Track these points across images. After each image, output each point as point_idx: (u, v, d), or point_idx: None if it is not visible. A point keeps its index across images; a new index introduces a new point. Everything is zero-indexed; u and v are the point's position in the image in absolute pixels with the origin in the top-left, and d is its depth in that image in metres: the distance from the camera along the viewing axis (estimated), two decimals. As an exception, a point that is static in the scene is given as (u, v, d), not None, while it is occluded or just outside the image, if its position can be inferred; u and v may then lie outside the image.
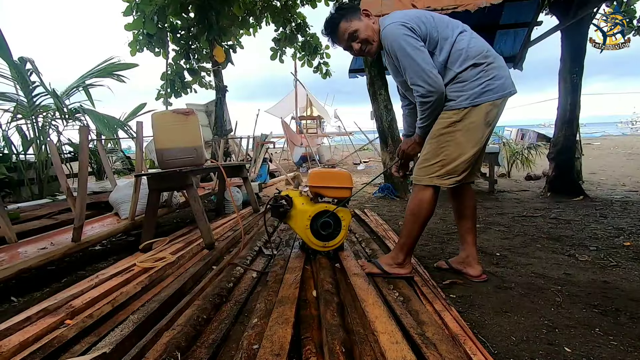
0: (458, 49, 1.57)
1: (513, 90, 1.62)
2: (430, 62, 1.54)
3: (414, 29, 1.55)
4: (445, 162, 1.61)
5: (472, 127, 1.58)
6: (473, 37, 1.61)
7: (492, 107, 1.57)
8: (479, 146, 1.62)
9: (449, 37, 1.58)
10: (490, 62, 1.56)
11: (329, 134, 15.62)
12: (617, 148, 12.78)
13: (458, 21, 1.66)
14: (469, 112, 1.57)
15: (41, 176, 4.26)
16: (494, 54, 1.61)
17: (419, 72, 1.52)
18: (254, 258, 2.01)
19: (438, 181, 1.64)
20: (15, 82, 4.34)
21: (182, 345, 1.06)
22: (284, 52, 7.34)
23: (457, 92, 1.57)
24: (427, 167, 1.65)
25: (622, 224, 2.89)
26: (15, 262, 1.66)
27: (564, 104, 4.27)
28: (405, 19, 1.56)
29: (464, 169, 1.63)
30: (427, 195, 1.66)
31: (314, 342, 1.09)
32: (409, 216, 1.71)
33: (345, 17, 1.68)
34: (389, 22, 1.59)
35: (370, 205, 4.11)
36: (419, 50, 1.53)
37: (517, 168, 6.74)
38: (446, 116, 1.60)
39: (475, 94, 1.55)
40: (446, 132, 1.60)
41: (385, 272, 1.70)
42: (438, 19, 1.62)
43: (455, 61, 1.56)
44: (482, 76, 1.55)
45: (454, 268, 1.89)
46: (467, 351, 1.07)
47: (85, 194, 1.91)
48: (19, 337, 1.10)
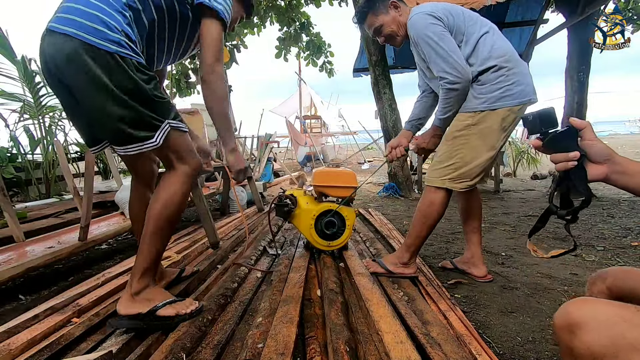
0: (482, 46, 1.54)
1: (534, 99, 1.58)
2: (457, 50, 1.52)
3: (441, 18, 1.54)
4: (459, 165, 1.59)
5: (488, 131, 1.55)
6: (499, 38, 1.59)
7: (509, 113, 1.54)
8: (494, 151, 1.59)
9: (475, 32, 1.56)
10: (512, 67, 1.53)
11: (333, 134, 15.61)
12: (625, 147, 12.64)
13: (487, 20, 1.65)
14: (485, 116, 1.54)
15: (48, 176, 4.30)
16: (518, 58, 1.58)
17: (447, 58, 1.49)
18: (258, 257, 2.02)
19: (450, 184, 1.61)
20: (23, 83, 4.38)
21: (187, 347, 1.07)
22: (288, 51, 7.34)
23: (475, 93, 1.55)
24: (441, 169, 1.63)
25: (630, 223, 2.86)
26: (23, 261, 1.68)
27: (571, 103, 4.24)
28: (433, 10, 1.56)
29: (477, 174, 1.60)
30: (439, 197, 1.64)
31: (318, 341, 1.09)
32: (418, 217, 1.69)
33: (373, 10, 1.70)
34: (417, 11, 1.60)
35: (375, 204, 4.11)
36: (447, 39, 1.51)
37: (523, 167, 6.70)
38: (462, 118, 1.58)
39: (494, 98, 1.52)
40: (461, 135, 1.58)
41: (390, 271, 1.69)
42: (467, 14, 1.62)
43: (478, 58, 1.54)
44: (502, 80, 1.52)
45: (458, 268, 1.88)
46: (472, 351, 1.06)
47: (92, 194, 1.93)
48: (27, 335, 1.11)
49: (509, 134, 1.63)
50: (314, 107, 15.31)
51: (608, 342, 0.50)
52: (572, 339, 0.54)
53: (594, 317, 0.53)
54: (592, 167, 0.66)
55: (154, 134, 1.13)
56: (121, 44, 1.06)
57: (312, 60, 7.50)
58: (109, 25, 1.05)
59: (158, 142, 1.13)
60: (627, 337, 0.50)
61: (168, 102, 1.19)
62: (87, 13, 1.05)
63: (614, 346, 0.50)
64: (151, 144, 1.13)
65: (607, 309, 0.54)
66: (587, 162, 0.67)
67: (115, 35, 1.06)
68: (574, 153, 0.66)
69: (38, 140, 4.49)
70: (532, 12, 4.88)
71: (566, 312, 0.57)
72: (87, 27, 1.04)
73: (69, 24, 1.04)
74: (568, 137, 0.68)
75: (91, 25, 1.04)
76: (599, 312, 0.54)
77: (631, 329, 0.50)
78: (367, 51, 4.71)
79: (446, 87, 1.52)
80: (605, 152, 0.66)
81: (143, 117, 1.11)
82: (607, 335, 0.51)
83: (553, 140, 0.69)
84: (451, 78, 1.50)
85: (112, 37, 1.05)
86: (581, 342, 0.53)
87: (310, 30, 7.20)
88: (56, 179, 4.43)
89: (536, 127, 0.71)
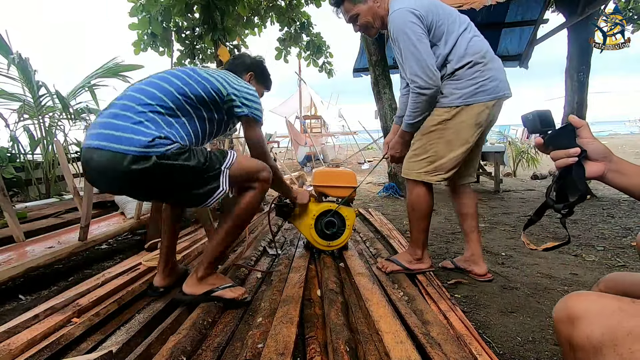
0: (460, 44, 1.55)
1: (508, 93, 1.61)
2: (432, 55, 1.53)
3: (422, 17, 1.53)
4: (434, 158, 1.63)
5: (462, 126, 1.58)
6: (475, 35, 1.60)
7: (484, 108, 1.56)
8: (467, 145, 1.61)
9: (454, 31, 1.57)
10: (486, 62, 1.55)
11: (333, 134, 15.61)
12: (625, 147, 12.63)
13: (465, 17, 1.65)
14: (460, 111, 1.57)
15: (48, 176, 4.30)
16: (492, 55, 1.60)
17: (421, 62, 1.49)
18: (258, 258, 2.02)
19: (425, 177, 1.65)
20: (22, 83, 4.38)
21: (188, 350, 1.07)
22: (288, 52, 7.33)
23: (451, 89, 1.57)
24: (416, 162, 1.67)
25: (630, 223, 2.85)
26: (23, 261, 1.68)
27: (571, 102, 4.23)
28: (414, 6, 1.54)
29: (451, 167, 1.64)
30: (422, 189, 1.69)
31: (318, 341, 1.09)
32: (411, 212, 1.74)
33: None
34: (398, 6, 1.56)
35: (375, 204, 4.11)
36: (423, 42, 1.51)
37: (523, 167, 6.70)
38: (438, 113, 1.61)
39: (469, 94, 1.55)
40: (436, 129, 1.61)
41: (407, 268, 1.71)
42: (448, 11, 1.61)
43: (455, 55, 1.55)
44: (477, 76, 1.55)
45: (459, 267, 1.88)
46: (472, 351, 1.06)
47: (92, 194, 1.93)
48: (27, 335, 1.11)
49: (485, 129, 1.66)
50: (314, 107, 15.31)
51: (606, 332, 0.52)
52: (572, 331, 0.56)
53: (592, 308, 0.55)
54: (589, 165, 0.69)
55: (219, 184, 1.29)
56: (158, 145, 1.17)
57: (313, 60, 7.49)
58: (144, 133, 1.16)
59: (226, 188, 1.31)
60: (625, 326, 0.51)
61: (212, 154, 1.31)
62: (122, 127, 1.17)
63: (612, 335, 0.51)
64: (222, 192, 1.30)
65: (605, 300, 0.56)
66: (585, 160, 0.69)
67: (153, 139, 1.16)
68: (575, 149, 0.68)
69: (38, 140, 4.49)
70: (532, 12, 4.87)
71: (565, 305, 0.59)
72: (128, 140, 1.14)
73: (110, 140, 1.15)
74: (567, 134, 0.70)
75: (129, 136, 1.15)
76: (597, 303, 0.56)
77: (628, 318, 0.52)
78: (367, 51, 4.71)
79: (416, 92, 1.54)
80: (602, 150, 0.68)
81: (205, 180, 1.27)
82: (605, 325, 0.53)
83: (554, 138, 0.71)
84: (421, 83, 1.51)
85: (152, 143, 1.16)
86: (580, 333, 0.54)
87: (310, 30, 7.19)
88: (56, 179, 4.43)
89: (536, 126, 0.73)
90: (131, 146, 1.13)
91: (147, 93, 1.24)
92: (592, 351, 0.53)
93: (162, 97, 1.25)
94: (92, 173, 1.22)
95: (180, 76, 1.32)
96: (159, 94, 1.25)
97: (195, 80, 1.33)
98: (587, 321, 0.54)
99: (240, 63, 1.66)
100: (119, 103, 1.23)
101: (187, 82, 1.31)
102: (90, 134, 1.20)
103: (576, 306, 0.57)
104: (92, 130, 1.21)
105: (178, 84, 1.29)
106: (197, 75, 1.35)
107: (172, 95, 1.27)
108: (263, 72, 1.72)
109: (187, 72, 1.35)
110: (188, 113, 1.31)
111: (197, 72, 1.37)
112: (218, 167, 1.29)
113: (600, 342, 0.52)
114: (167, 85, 1.28)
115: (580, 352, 0.55)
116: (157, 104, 1.23)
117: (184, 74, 1.33)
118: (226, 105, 1.41)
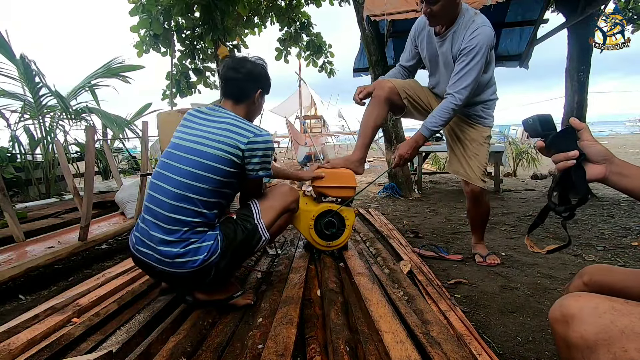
0: (494, 77, 1.88)
1: None
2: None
3: (492, 44, 1.70)
4: (486, 166, 1.96)
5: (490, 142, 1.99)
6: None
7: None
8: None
9: (492, 62, 1.82)
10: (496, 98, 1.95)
11: (333, 134, 15.60)
12: (625, 147, 12.63)
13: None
14: (490, 132, 1.96)
15: (48, 176, 4.30)
16: None
17: (473, 84, 1.69)
18: (258, 258, 2.02)
19: (483, 180, 1.95)
20: (23, 83, 4.39)
21: (188, 350, 1.07)
22: (289, 52, 7.33)
23: (488, 113, 1.91)
24: (479, 168, 1.93)
25: (630, 223, 2.85)
26: (23, 261, 1.69)
27: (571, 103, 4.23)
28: (493, 32, 1.69)
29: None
30: (484, 193, 1.99)
31: (318, 341, 1.09)
32: (486, 216, 2.08)
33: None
34: (488, 23, 1.68)
35: (375, 204, 4.11)
36: (481, 69, 1.71)
37: (523, 167, 6.70)
38: (484, 130, 1.93)
39: (493, 120, 1.96)
40: (485, 143, 1.94)
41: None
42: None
43: (490, 87, 1.87)
44: (494, 108, 1.96)
45: (472, 252, 2.15)
46: (472, 351, 1.06)
47: (92, 194, 1.93)
48: (27, 335, 1.11)
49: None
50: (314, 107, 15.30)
51: (600, 330, 0.53)
52: (567, 330, 0.57)
53: (586, 308, 0.57)
54: (590, 167, 0.69)
55: (260, 236, 1.39)
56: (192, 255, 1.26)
57: (313, 60, 7.49)
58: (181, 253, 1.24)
59: (267, 235, 1.41)
60: (618, 325, 0.53)
61: (238, 218, 1.39)
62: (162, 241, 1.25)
63: (606, 334, 0.53)
64: (266, 239, 1.42)
65: (598, 300, 0.57)
66: (586, 162, 0.69)
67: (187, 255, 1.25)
68: (574, 152, 0.68)
69: (38, 140, 4.50)
70: (532, 12, 4.86)
71: (560, 305, 0.60)
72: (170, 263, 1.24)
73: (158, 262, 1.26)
74: (568, 137, 0.71)
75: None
76: (591, 303, 0.57)
77: (621, 317, 0.53)
78: (367, 51, 4.70)
79: (454, 103, 1.71)
80: (603, 153, 0.68)
81: (253, 244, 1.40)
82: (599, 324, 0.54)
83: (554, 140, 0.72)
84: (463, 99, 1.71)
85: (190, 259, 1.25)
86: (575, 332, 0.56)
87: (310, 30, 7.19)
88: (56, 179, 4.43)
89: (537, 129, 0.75)
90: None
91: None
92: (587, 350, 0.54)
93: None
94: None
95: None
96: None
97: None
98: (581, 320, 0.56)
99: (248, 79, 1.44)
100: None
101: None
102: None
103: (570, 306, 0.58)
104: None
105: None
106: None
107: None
108: (268, 81, 1.56)
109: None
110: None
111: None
112: (252, 221, 1.39)
113: (595, 341, 0.53)
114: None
115: (575, 351, 0.56)
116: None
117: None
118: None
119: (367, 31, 4.48)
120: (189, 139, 1.33)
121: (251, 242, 1.37)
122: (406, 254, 2.01)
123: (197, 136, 1.33)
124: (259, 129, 1.37)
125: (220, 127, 1.34)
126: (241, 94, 1.45)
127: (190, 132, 1.36)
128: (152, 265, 1.27)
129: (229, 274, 1.43)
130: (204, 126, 1.36)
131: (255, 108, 1.51)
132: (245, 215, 1.40)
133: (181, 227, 1.24)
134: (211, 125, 1.35)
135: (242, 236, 1.34)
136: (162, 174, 1.31)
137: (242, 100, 1.45)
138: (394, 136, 4.71)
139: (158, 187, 1.30)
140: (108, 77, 5.28)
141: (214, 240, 1.28)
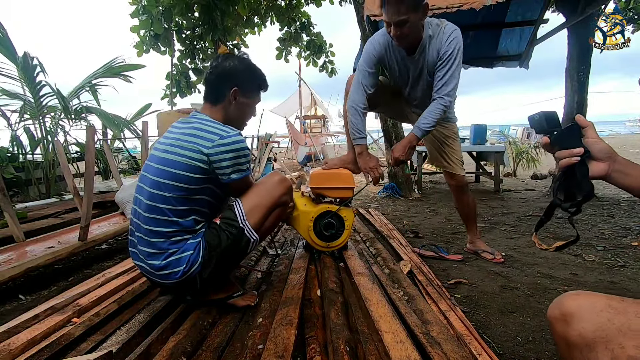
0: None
1: None
2: None
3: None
4: (461, 157, 2.10)
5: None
6: None
7: None
8: None
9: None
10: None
11: (334, 134, 15.60)
12: (625, 147, 12.63)
13: None
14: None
15: (48, 176, 4.30)
16: None
17: (457, 83, 1.77)
18: (258, 258, 2.02)
19: (463, 169, 2.09)
20: (23, 82, 4.38)
21: (188, 350, 1.07)
22: (289, 52, 7.33)
23: (451, 111, 2.04)
24: (459, 158, 2.08)
25: (630, 223, 2.85)
26: (23, 261, 1.69)
27: (571, 103, 4.23)
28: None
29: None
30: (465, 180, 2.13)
31: (318, 341, 1.09)
32: (474, 207, 2.15)
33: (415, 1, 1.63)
34: (454, 26, 1.75)
35: (375, 204, 4.11)
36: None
37: (523, 167, 6.69)
38: (452, 126, 2.09)
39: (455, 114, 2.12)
40: (457, 137, 2.09)
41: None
42: None
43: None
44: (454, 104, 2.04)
45: (470, 251, 2.20)
46: (472, 351, 1.06)
47: (92, 194, 1.93)
48: (27, 335, 1.11)
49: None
50: (314, 107, 15.31)
51: (598, 328, 0.54)
52: (566, 328, 0.58)
53: (584, 306, 0.58)
54: (594, 165, 0.70)
55: (249, 238, 1.34)
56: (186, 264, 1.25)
57: (313, 60, 7.49)
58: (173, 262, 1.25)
59: (256, 236, 1.35)
60: (615, 323, 0.54)
61: (222, 224, 1.34)
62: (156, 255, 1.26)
63: (604, 332, 0.54)
64: (256, 240, 1.36)
65: (595, 298, 0.59)
66: (589, 159, 0.70)
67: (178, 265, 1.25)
68: (578, 149, 0.69)
69: (38, 140, 4.50)
70: (532, 12, 4.85)
71: (559, 303, 0.62)
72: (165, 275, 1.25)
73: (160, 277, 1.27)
74: (573, 134, 0.71)
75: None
76: (589, 301, 0.58)
77: (617, 315, 0.54)
78: (367, 51, 4.70)
79: (443, 106, 1.78)
80: (607, 150, 0.69)
81: (241, 248, 1.34)
82: (597, 321, 0.55)
83: (559, 137, 0.73)
84: (452, 101, 1.80)
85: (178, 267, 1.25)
86: (574, 330, 0.57)
87: (310, 30, 7.19)
88: (56, 179, 4.43)
89: (543, 126, 0.75)
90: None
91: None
92: (586, 348, 0.55)
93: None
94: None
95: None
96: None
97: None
98: (580, 318, 0.57)
99: (219, 78, 1.36)
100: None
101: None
102: None
103: (569, 304, 0.59)
104: None
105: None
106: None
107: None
108: (249, 78, 1.42)
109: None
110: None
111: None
112: (239, 224, 1.32)
113: (593, 339, 0.54)
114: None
115: (574, 349, 0.57)
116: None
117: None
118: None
119: (367, 31, 4.48)
120: (160, 148, 1.31)
121: (239, 246, 1.32)
122: (406, 254, 2.01)
123: (166, 144, 1.30)
124: (226, 131, 1.27)
125: (187, 132, 1.29)
126: (216, 94, 1.38)
127: (162, 141, 1.34)
128: (146, 275, 1.32)
129: (225, 276, 1.43)
130: (174, 134, 1.32)
131: (233, 108, 1.39)
132: (229, 220, 1.33)
133: (158, 238, 1.23)
134: (180, 132, 1.31)
135: (227, 242, 1.29)
136: (138, 186, 1.31)
137: (218, 102, 1.37)
138: (394, 136, 4.71)
139: (136, 199, 1.30)
140: (109, 76, 5.28)
141: (194, 250, 1.25)
